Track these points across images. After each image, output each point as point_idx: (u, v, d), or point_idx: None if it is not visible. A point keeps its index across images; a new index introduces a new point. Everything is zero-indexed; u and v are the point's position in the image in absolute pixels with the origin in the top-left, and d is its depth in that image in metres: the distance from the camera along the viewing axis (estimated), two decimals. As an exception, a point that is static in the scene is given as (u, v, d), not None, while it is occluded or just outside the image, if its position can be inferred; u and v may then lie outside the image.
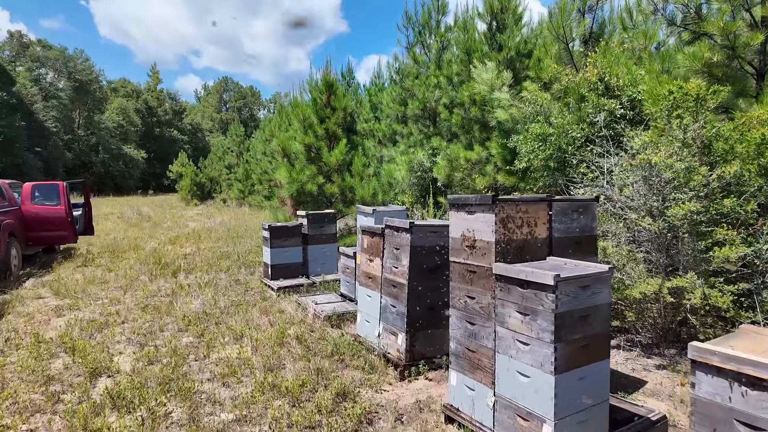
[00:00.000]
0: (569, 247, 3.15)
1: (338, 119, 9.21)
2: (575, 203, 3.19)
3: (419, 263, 3.81)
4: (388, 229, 4.03)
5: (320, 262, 7.25)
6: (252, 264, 8.49)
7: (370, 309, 4.31)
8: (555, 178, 6.27)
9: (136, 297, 6.30)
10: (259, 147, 24.51)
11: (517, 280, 2.56)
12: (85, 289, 6.68)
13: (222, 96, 73.30)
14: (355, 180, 8.91)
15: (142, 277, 7.50)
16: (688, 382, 3.74)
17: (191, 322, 5.17)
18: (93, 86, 46.66)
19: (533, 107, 6.61)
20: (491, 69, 7.76)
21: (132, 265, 8.52)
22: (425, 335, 3.89)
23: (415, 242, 3.77)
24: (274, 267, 6.86)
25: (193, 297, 6.28)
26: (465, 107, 8.98)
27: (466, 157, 8.63)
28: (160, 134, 55.74)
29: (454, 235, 3.03)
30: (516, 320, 2.58)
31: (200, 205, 26.81)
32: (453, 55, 9.50)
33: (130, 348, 4.45)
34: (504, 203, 2.76)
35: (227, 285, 6.95)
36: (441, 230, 3.90)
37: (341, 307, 5.46)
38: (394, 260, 3.95)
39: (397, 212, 5.55)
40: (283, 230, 6.92)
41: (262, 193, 22.52)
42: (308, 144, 9.11)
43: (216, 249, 10.16)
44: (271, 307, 5.80)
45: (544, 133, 6.13)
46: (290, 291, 6.49)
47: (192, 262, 8.84)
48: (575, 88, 6.35)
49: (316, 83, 9.29)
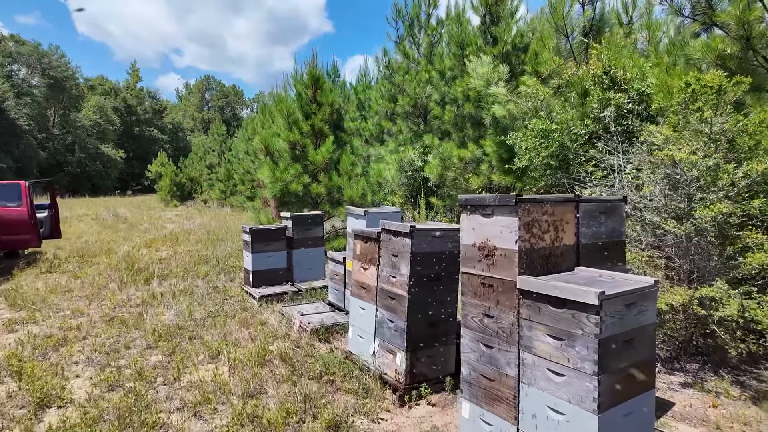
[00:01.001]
0: (596, 254, 2.73)
1: (325, 115, 8.71)
2: (602, 204, 2.77)
3: (421, 272, 3.35)
4: (385, 233, 3.56)
5: (306, 268, 6.75)
6: (232, 269, 7.93)
7: (364, 323, 3.83)
8: (558, 178, 5.89)
9: (102, 308, 5.71)
10: (241, 146, 23.83)
11: (549, 297, 2.12)
12: (46, 299, 6.05)
13: (204, 95, 71.88)
14: (342, 179, 8.42)
15: (111, 285, 6.89)
16: (720, 403, 3.37)
17: (162, 336, 4.62)
18: (69, 83, 45.11)
19: (533, 102, 6.22)
20: (487, 63, 7.36)
21: (101, 271, 7.88)
22: (427, 354, 3.43)
23: (416, 248, 3.31)
24: (256, 273, 6.33)
25: (165, 307, 5.72)
26: (458, 103, 8.57)
27: (460, 156, 8.21)
28: (140, 133, 54.28)
29: (467, 242, 2.58)
30: (547, 345, 2.14)
31: (180, 206, 25.96)
32: (445, 50, 9.09)
33: (88, 370, 3.90)
34: (529, 204, 2.31)
35: (204, 293, 6.40)
36: (445, 234, 3.45)
37: (330, 318, 4.97)
38: (392, 268, 3.48)
39: (391, 214, 5.09)
40: (266, 233, 6.39)
41: (244, 193, 21.86)
42: (293, 141, 8.58)
43: (194, 253, 9.56)
44: (252, 318, 5.28)
45: (546, 129, 5.74)
46: (273, 300, 5.97)
47: (167, 267, 8.23)
48: (578, 82, 5.97)
49: (301, 77, 8.78)
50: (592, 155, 5.57)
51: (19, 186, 7.76)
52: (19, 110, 37.98)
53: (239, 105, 73.54)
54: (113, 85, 56.19)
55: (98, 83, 54.80)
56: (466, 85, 8.37)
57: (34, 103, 40.89)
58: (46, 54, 43.56)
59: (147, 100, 59.10)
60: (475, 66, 7.47)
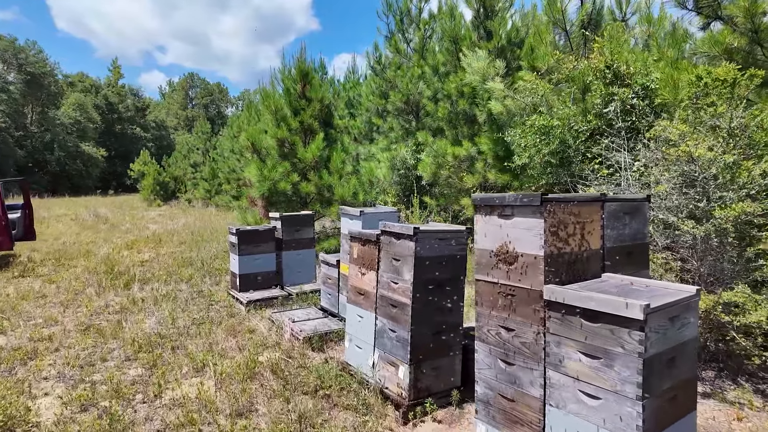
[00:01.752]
0: (621, 259, 2.49)
1: (314, 111, 8.39)
2: (627, 204, 2.53)
3: (425, 278, 3.09)
4: (386, 235, 3.29)
5: (296, 271, 6.44)
6: (218, 272, 7.58)
7: (362, 332, 3.55)
8: (559, 175, 5.68)
9: (78, 315, 5.33)
10: (226, 145, 23.34)
11: (582, 310, 1.87)
12: (16, 306, 5.65)
13: (188, 92, 70.70)
14: (333, 178, 8.11)
15: (88, 290, 6.49)
16: (745, 416, 3.17)
17: (142, 347, 4.28)
18: (47, 80, 43.86)
19: (532, 98, 6.00)
20: (483, 57, 7.12)
21: (79, 275, 7.46)
22: (432, 366, 3.17)
23: (420, 252, 3.04)
24: (243, 277, 6.01)
25: (147, 314, 5.36)
26: (452, 100, 8.33)
27: (454, 154, 7.97)
28: (122, 131, 53.09)
29: (483, 247, 2.32)
30: (579, 364, 1.89)
31: (163, 206, 25.34)
32: (438, 45, 8.84)
33: (59, 387, 3.55)
34: (554, 204, 2.06)
35: (188, 298, 6.05)
36: (451, 237, 3.19)
37: (323, 325, 4.68)
38: (394, 274, 3.21)
39: (388, 214, 4.82)
40: (254, 235, 6.07)
41: (229, 192, 21.41)
42: (281, 138, 8.25)
43: (178, 254, 9.17)
44: (240, 325, 4.97)
45: (547, 125, 5.52)
46: (262, 305, 5.66)
47: (149, 270, 7.84)
48: (580, 77, 5.77)
49: (289, 72, 8.44)
50: (596, 152, 5.37)
51: (-11, 185, 7.30)
52: (-6, 107, 36.77)
53: (224, 103, 72.53)
54: (94, 82, 54.84)
55: (78, 80, 53.44)
56: (460, 81, 8.13)
57: (10, 100, 39.66)
58: (23, 49, 42.28)
59: (129, 98, 57.86)
60: (471, 61, 7.23)
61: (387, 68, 9.68)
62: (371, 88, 10.27)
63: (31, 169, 39.18)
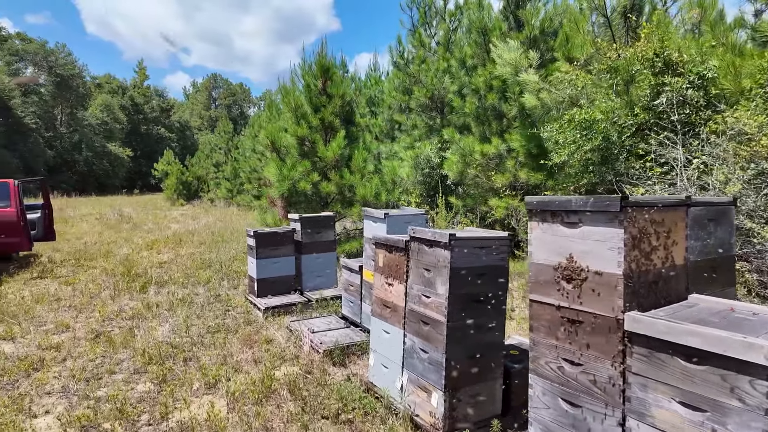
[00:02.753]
0: (705, 275, 2.06)
1: (335, 108, 8.06)
2: (712, 208, 2.09)
3: (462, 292, 2.70)
4: (416, 242, 2.91)
5: (316, 275, 6.11)
6: (236, 275, 7.32)
7: (389, 350, 3.18)
8: (602, 174, 5.20)
9: (90, 321, 5.11)
10: (248, 144, 23.30)
11: (680, 347, 1.45)
12: (30, 310, 5.47)
13: (211, 93, 71.60)
14: (355, 177, 7.77)
15: (104, 293, 6.30)
16: None
17: (152, 359, 4.00)
18: (76, 81, 44.84)
19: (571, 90, 5.53)
20: (515, 48, 6.67)
21: (96, 277, 7.30)
22: (470, 392, 2.77)
23: (456, 262, 2.65)
24: (261, 282, 5.71)
25: (160, 321, 5.11)
26: (480, 94, 7.89)
27: (483, 151, 7.53)
28: (147, 132, 54.01)
29: (540, 260, 1.92)
30: (674, 416, 1.47)
31: (186, 205, 25.49)
32: (464, 38, 8.40)
33: (61, 404, 3.28)
34: (637, 210, 1.64)
35: (204, 303, 5.78)
36: (491, 245, 2.79)
37: (345, 336, 4.33)
38: (425, 286, 2.83)
39: (414, 216, 4.44)
40: (272, 237, 5.76)
41: (251, 192, 21.33)
42: (301, 136, 7.95)
43: (197, 256, 8.97)
44: (257, 334, 4.66)
45: (589, 119, 5.04)
46: (280, 311, 5.35)
47: (167, 272, 7.65)
48: (624, 67, 5.27)
49: (309, 67, 8.14)
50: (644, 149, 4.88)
51: (8, 185, 7.20)
52: (25, 108, 37.77)
53: (246, 103, 73.18)
54: (120, 84, 55.96)
55: (105, 81, 54.60)
56: (489, 74, 7.69)
57: (40, 102, 40.69)
58: (53, 52, 43.32)
59: (154, 99, 58.87)
60: (501, 52, 6.78)
61: (411, 63, 9.28)
62: (394, 84, 9.89)
63: (60, 169, 40.12)
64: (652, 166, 4.36)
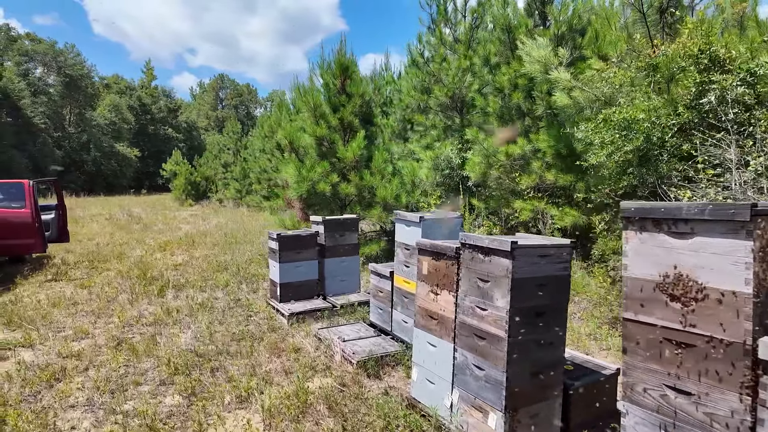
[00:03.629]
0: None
1: (355, 107, 7.87)
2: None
3: (524, 305, 2.49)
4: (469, 249, 2.70)
5: (339, 279, 5.92)
6: (254, 278, 7.15)
7: (435, 365, 2.98)
8: (642, 176, 4.97)
9: (110, 327, 4.94)
10: (257, 144, 23.16)
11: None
12: (47, 314, 5.31)
13: (218, 93, 71.70)
14: (375, 179, 7.57)
15: (121, 297, 6.14)
16: None
17: (178, 369, 3.82)
18: (84, 82, 44.97)
19: (608, 88, 5.30)
20: (544, 45, 6.44)
21: (112, 279, 7.15)
22: (530, 413, 2.56)
23: (519, 272, 2.44)
24: (285, 286, 5.52)
25: (182, 327, 4.93)
26: (504, 93, 7.67)
27: (508, 152, 7.31)
28: (155, 132, 54.09)
29: (638, 274, 1.71)
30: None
31: (195, 206, 25.42)
32: (488, 34, 8.18)
33: (87, 419, 3.10)
34: (765, 219, 1.43)
35: (225, 308, 5.61)
36: (554, 253, 2.58)
37: (377, 346, 4.13)
38: (480, 298, 2.62)
39: (450, 220, 4.23)
40: (296, 240, 5.58)
41: (260, 192, 21.21)
42: (320, 136, 7.76)
43: (211, 258, 8.81)
44: (283, 342, 4.47)
45: (629, 118, 4.82)
46: (305, 317, 5.15)
47: (183, 275, 7.48)
48: (665, 64, 5.04)
49: (328, 66, 7.95)
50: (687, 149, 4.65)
51: (22, 185, 7.06)
52: (35, 109, 37.90)
53: (253, 104, 73.25)
54: (128, 84, 56.09)
55: (113, 82, 54.76)
56: (513, 73, 7.47)
57: (50, 102, 40.83)
58: (62, 52, 43.45)
59: (161, 99, 58.97)
60: (529, 49, 6.56)
61: (430, 61, 9.06)
62: (412, 83, 9.67)
63: (69, 169, 40.21)
64: (702, 167, 4.13)
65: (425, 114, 9.72)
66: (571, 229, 6.84)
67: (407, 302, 4.21)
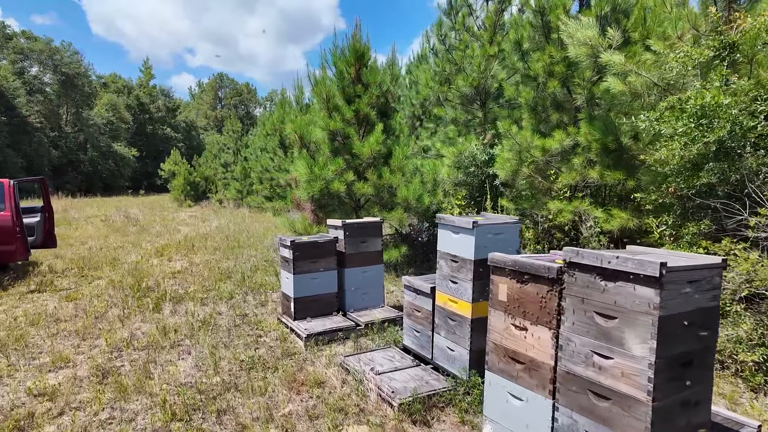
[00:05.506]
0: None
1: (371, 99, 7.10)
2: None
3: (673, 353, 1.73)
4: (581, 271, 1.94)
5: (361, 292, 5.16)
6: (261, 288, 6.39)
7: (523, 425, 2.21)
8: (722, 173, 4.21)
9: (95, 353, 4.17)
10: (258, 143, 22.39)
11: None
12: (22, 336, 4.54)
13: (217, 93, 70.87)
14: (395, 177, 6.81)
15: (111, 312, 5.38)
16: None
17: (176, 413, 3.06)
18: (81, 80, 44.13)
19: (680, 69, 4.54)
20: (591, 25, 5.70)
21: (102, 290, 6.38)
22: (676, 505, 1.80)
23: (668, 307, 1.69)
24: (299, 301, 4.76)
25: (180, 352, 4.17)
26: (538, 82, 6.91)
27: (544, 147, 6.55)
28: (153, 132, 53.29)
29: None
30: None
31: (194, 206, 24.67)
32: (518, 17, 7.43)
33: (54, 494, 2.34)
34: None
35: (231, 326, 4.85)
36: (703, 277, 1.82)
37: (420, 380, 3.37)
38: (604, 341, 1.86)
39: (507, 226, 3.47)
40: (313, 248, 4.82)
41: (262, 193, 20.47)
42: (333, 130, 7.00)
43: (213, 264, 8.04)
44: (301, 372, 3.71)
45: (711, 104, 4.06)
46: (325, 339, 4.39)
47: (182, 284, 6.72)
48: (750, 41, 4.29)
49: (342, 52, 7.18)
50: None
51: (1, 185, 6.29)
52: (30, 107, 37.09)
53: (252, 103, 72.44)
54: (126, 83, 55.25)
55: (111, 81, 53.95)
56: (548, 59, 6.71)
57: (46, 101, 40.02)
58: (58, 50, 42.63)
59: (160, 98, 58.17)
60: (573, 30, 5.81)
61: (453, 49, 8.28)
62: (429, 74, 8.91)
63: (65, 169, 39.41)
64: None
65: (445, 107, 8.96)
66: (618, 233, 6.10)
67: (454, 326, 3.46)
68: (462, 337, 3.37)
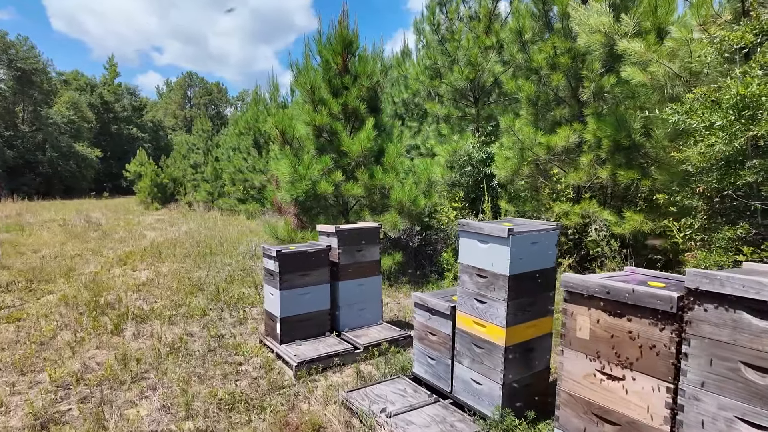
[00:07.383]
0: None
1: (361, 91, 6.47)
2: None
3: None
4: (716, 304, 1.37)
5: (357, 308, 4.52)
6: (239, 302, 5.66)
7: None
8: (766, 170, 3.78)
9: (35, 394, 3.38)
10: (230, 142, 21.38)
11: None
12: (-55, 371, 3.70)
13: (186, 92, 68.61)
14: (388, 177, 6.20)
15: (61, 336, 4.56)
16: None
17: (135, 482, 2.35)
18: (39, 77, 41.70)
19: (714, 56, 4.10)
20: (604, 11, 5.24)
21: (52, 308, 5.52)
22: None
23: None
24: (287, 322, 4.08)
25: (144, 388, 3.43)
26: (540, 75, 6.43)
27: (549, 144, 6.07)
28: (118, 132, 50.96)
29: None
30: None
31: (162, 209, 23.40)
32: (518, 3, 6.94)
33: None
34: None
35: (205, 351, 4.12)
36: None
37: (444, 423, 2.76)
38: (760, 404, 1.29)
39: (543, 234, 2.90)
40: (303, 258, 4.14)
41: (234, 195, 19.55)
42: (319, 126, 6.34)
43: (183, 274, 7.23)
44: (294, 411, 3.05)
45: (755, 94, 3.61)
46: (319, 367, 3.73)
47: (147, 298, 5.92)
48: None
49: (327, 40, 6.52)
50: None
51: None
52: (-19, 105, 34.70)
53: (223, 103, 70.48)
54: (89, 81, 52.69)
55: (73, 78, 51.37)
56: (552, 50, 6.24)
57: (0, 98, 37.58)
58: (13, 45, 40.13)
59: (125, 97, 55.75)
60: (584, 17, 5.34)
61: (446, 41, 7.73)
62: (420, 68, 8.35)
63: (22, 170, 37.07)
64: None
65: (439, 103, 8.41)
66: (631, 237, 5.66)
67: (481, 354, 2.87)
68: (492, 369, 2.79)
